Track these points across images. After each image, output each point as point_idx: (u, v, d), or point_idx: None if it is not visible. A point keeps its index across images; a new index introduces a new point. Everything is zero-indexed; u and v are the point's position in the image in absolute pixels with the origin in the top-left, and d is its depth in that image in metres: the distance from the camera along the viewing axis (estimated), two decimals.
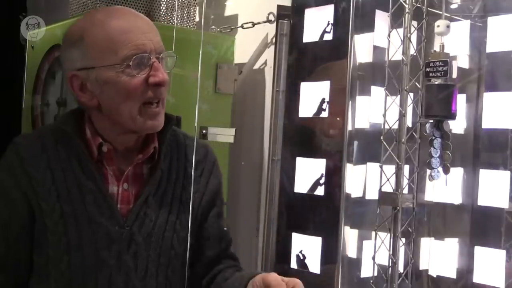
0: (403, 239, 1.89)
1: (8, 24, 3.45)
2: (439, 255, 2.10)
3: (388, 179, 1.87)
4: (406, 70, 1.86)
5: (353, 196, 2.12)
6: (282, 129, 2.34)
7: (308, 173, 2.19)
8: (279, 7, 2.41)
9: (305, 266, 2.18)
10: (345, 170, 2.09)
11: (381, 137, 1.88)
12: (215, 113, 2.46)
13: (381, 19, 2.07)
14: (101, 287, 1.28)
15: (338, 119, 2.12)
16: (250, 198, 2.63)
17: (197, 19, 2.62)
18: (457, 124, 1.98)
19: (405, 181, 1.86)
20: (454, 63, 1.89)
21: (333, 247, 2.08)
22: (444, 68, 1.80)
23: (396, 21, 1.88)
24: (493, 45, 1.94)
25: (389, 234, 1.86)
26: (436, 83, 1.83)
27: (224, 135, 2.40)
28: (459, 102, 1.91)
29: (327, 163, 2.13)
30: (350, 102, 2.10)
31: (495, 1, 2.00)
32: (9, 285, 1.30)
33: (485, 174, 1.93)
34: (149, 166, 1.36)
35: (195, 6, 2.61)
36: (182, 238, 1.36)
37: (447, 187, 1.95)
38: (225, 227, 1.48)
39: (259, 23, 2.54)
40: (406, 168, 1.91)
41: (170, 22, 2.57)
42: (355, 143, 2.14)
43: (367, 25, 2.13)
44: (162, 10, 2.58)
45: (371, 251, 1.93)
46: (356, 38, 2.12)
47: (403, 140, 1.85)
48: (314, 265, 2.15)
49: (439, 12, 1.91)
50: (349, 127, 2.10)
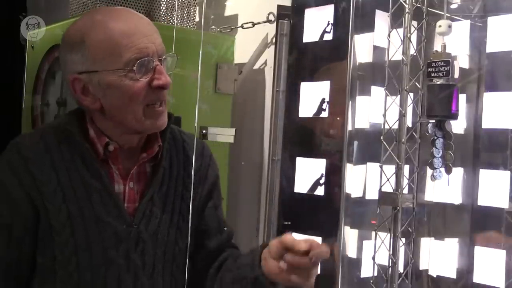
0: (403, 239, 1.89)
1: (8, 24, 3.44)
2: (439, 255, 2.10)
3: (388, 179, 1.87)
4: (406, 70, 1.86)
5: (353, 196, 2.12)
6: (282, 129, 2.33)
7: (308, 173, 2.19)
8: (279, 7, 2.40)
9: None
10: (345, 170, 2.08)
11: (381, 137, 1.88)
12: (215, 113, 2.46)
13: (381, 19, 2.07)
14: (110, 286, 1.28)
15: (338, 119, 2.11)
16: (250, 198, 2.63)
17: (197, 19, 2.62)
18: (457, 124, 1.97)
19: (405, 181, 1.86)
20: (456, 63, 1.89)
21: (333, 247, 2.08)
22: (446, 68, 1.80)
23: (396, 21, 1.88)
24: (493, 45, 1.94)
25: (389, 234, 1.86)
26: (438, 83, 1.83)
27: (224, 135, 2.40)
28: (460, 102, 1.91)
29: (327, 163, 2.13)
30: (350, 102, 2.10)
31: (495, 1, 2.00)
32: (10, 286, 1.29)
33: (485, 174, 1.93)
34: (151, 164, 1.37)
35: (195, 6, 2.61)
36: (185, 234, 1.37)
37: (447, 187, 1.95)
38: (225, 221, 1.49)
39: (259, 23, 2.54)
40: (406, 168, 1.91)
41: (170, 22, 2.57)
42: (355, 143, 2.13)
43: (367, 25, 2.13)
44: (162, 10, 2.57)
45: (371, 251, 1.93)
46: (356, 38, 2.12)
47: (403, 140, 1.85)
48: None
49: (439, 12, 1.91)
50: (349, 127, 2.10)
